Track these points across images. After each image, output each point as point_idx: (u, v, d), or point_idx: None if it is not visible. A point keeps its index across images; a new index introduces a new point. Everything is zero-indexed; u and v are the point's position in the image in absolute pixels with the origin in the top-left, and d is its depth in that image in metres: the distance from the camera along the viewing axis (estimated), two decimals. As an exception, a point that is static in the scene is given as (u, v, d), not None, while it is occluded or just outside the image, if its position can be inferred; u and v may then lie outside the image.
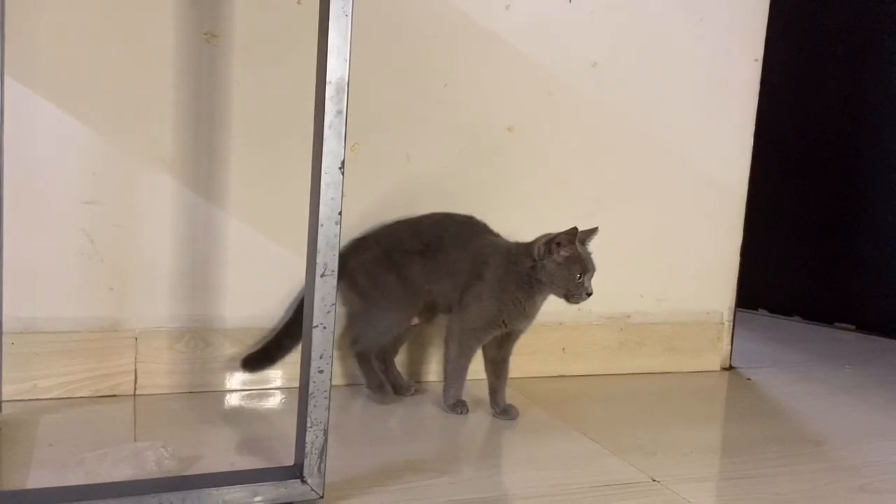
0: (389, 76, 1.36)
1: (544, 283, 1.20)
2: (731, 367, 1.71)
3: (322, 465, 0.88)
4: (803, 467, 1.14)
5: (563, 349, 1.55)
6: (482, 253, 1.26)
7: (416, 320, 1.32)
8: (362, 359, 1.30)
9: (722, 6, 1.60)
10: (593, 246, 1.25)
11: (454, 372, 1.27)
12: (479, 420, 1.24)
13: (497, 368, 1.28)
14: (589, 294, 1.19)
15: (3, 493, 0.83)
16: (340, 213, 0.86)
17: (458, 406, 1.26)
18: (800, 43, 2.32)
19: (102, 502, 0.78)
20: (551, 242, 1.18)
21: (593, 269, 1.20)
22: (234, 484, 0.85)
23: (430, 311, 1.32)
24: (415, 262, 1.28)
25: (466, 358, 1.26)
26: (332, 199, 0.86)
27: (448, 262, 1.27)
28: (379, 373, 1.31)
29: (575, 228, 1.17)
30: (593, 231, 1.24)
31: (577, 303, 1.20)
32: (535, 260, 1.20)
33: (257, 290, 1.30)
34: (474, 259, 1.26)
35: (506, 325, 1.24)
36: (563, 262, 1.18)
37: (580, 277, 1.17)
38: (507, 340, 1.28)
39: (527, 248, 1.22)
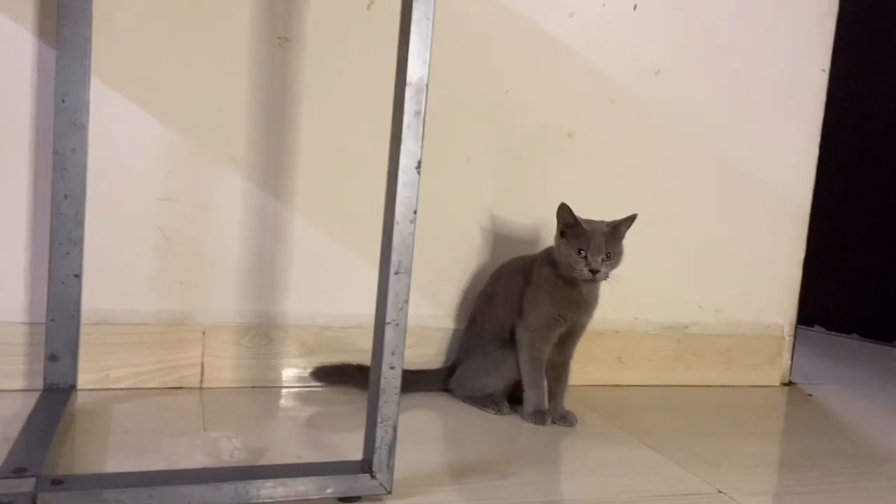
0: (452, 81, 1.37)
1: (559, 263, 1.22)
2: (790, 383, 1.68)
3: (391, 460, 0.89)
4: (873, 483, 1.11)
5: (620, 358, 1.54)
6: (527, 263, 1.31)
7: None
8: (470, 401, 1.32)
9: (789, 15, 1.58)
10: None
11: (528, 379, 1.26)
12: (536, 425, 1.24)
13: (557, 372, 1.27)
14: (592, 270, 1.17)
15: (88, 476, 0.85)
16: (416, 212, 0.87)
17: (536, 415, 1.24)
18: (867, 54, 2.27)
19: (182, 488, 0.80)
20: (557, 225, 1.23)
21: (602, 248, 1.18)
22: (305, 475, 0.86)
23: None
24: (485, 320, 1.33)
25: (538, 362, 1.25)
26: (408, 197, 0.87)
27: (502, 297, 1.31)
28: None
29: (563, 203, 1.20)
30: (627, 219, 1.23)
31: (581, 276, 1.18)
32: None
33: (321, 288, 1.33)
34: (524, 272, 1.30)
35: (565, 319, 1.24)
36: (564, 239, 1.21)
37: (581, 252, 1.18)
38: (568, 341, 1.28)
39: None
